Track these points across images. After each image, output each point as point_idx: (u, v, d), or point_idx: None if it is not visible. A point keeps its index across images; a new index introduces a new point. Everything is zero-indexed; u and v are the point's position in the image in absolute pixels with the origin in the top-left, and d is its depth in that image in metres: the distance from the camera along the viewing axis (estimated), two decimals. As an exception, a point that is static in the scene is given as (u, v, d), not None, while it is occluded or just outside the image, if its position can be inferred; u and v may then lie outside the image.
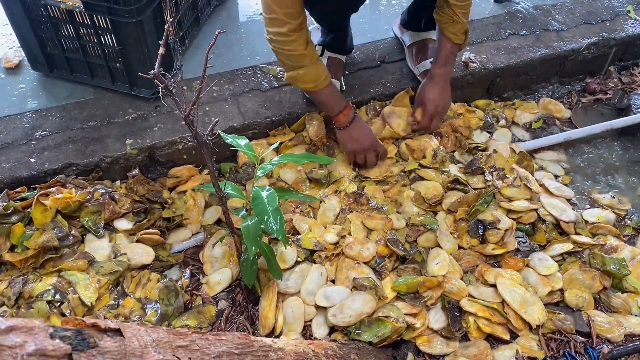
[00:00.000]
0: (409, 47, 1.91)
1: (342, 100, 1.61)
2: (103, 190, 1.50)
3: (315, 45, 1.81)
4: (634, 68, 2.22)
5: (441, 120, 1.79)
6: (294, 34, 1.41)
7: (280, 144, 1.74)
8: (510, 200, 1.62)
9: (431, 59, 1.81)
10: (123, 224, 1.50)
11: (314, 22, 1.86)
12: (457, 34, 1.59)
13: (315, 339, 1.36)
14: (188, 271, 1.50)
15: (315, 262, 1.50)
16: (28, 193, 1.47)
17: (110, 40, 1.61)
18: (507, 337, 1.37)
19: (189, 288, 1.48)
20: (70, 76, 1.77)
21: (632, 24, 2.15)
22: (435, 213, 1.63)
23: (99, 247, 1.44)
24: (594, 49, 2.08)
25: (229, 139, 1.30)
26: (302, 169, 1.71)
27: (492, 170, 1.68)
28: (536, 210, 1.62)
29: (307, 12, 1.48)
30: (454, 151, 1.82)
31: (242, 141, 1.31)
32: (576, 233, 1.61)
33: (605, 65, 2.19)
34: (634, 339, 1.41)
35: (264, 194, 1.19)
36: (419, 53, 1.86)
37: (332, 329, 1.38)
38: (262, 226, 1.19)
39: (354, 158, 1.69)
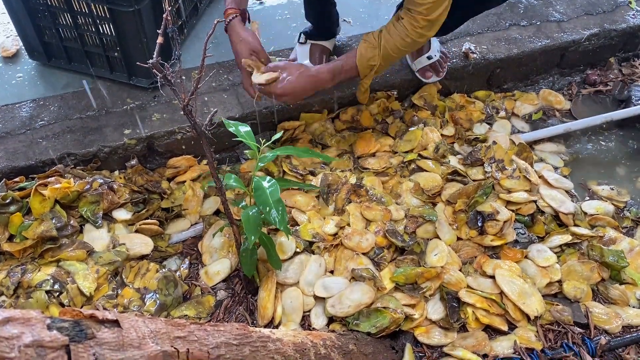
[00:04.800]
0: None
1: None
2: (102, 181, 1.49)
3: (300, 33, 1.82)
4: (635, 59, 2.21)
5: (274, 96, 1.49)
6: None
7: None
8: (509, 191, 1.62)
9: (427, 54, 1.80)
10: (122, 214, 1.49)
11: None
12: (367, 58, 1.44)
13: (313, 329, 1.37)
14: (187, 261, 1.50)
15: (314, 253, 1.50)
16: (26, 183, 1.47)
17: (108, 29, 1.60)
18: (505, 328, 1.38)
19: (188, 278, 1.48)
20: (68, 65, 1.76)
21: (633, 14, 2.14)
22: (435, 204, 1.63)
23: (97, 237, 1.44)
24: (594, 40, 2.07)
25: (232, 126, 1.28)
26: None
27: (491, 161, 1.68)
28: (535, 201, 1.62)
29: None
30: (453, 143, 1.82)
31: (244, 128, 1.30)
32: (575, 225, 1.61)
33: (606, 57, 2.18)
34: (631, 330, 1.41)
35: (266, 184, 1.18)
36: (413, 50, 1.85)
37: (331, 320, 1.39)
38: (263, 216, 1.18)
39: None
